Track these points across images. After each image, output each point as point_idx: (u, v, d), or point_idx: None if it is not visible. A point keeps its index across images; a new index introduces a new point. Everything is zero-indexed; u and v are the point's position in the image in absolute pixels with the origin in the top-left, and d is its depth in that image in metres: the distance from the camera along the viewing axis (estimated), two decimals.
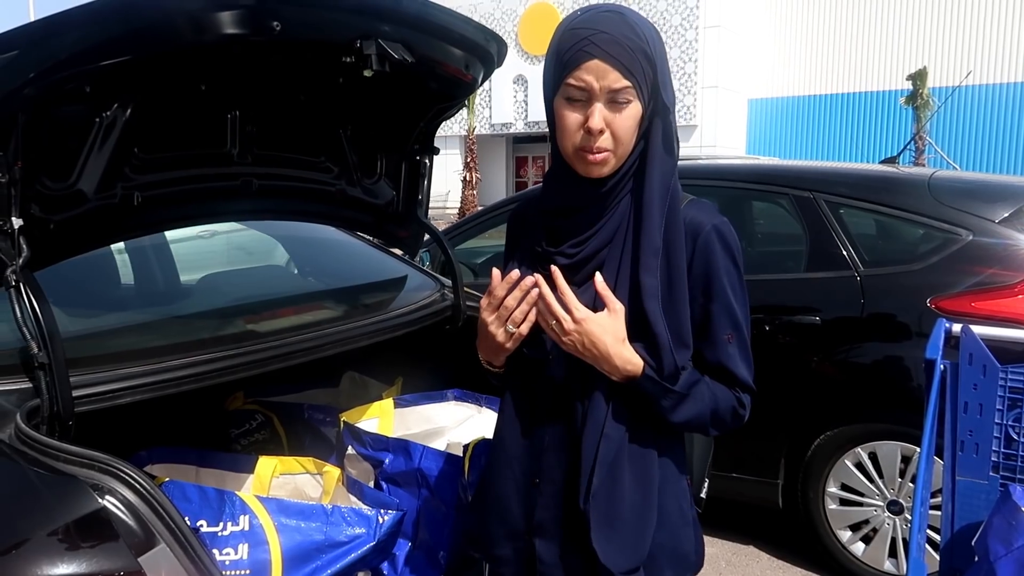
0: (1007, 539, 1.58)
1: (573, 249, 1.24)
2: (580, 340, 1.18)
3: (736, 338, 1.25)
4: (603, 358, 1.18)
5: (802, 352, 3.05)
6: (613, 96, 1.14)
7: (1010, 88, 20.57)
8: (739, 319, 1.26)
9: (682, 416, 1.22)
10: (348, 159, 2.20)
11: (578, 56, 1.14)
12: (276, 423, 2.42)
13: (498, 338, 1.23)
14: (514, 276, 1.20)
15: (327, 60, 1.69)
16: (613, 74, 1.13)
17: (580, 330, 1.17)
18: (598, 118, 1.15)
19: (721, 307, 1.24)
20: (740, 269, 1.26)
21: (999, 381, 1.83)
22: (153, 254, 2.70)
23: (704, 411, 1.24)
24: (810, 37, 23.07)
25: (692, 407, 1.22)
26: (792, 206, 3.29)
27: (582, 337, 1.18)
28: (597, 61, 1.13)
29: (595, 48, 1.12)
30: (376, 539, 1.59)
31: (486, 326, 1.24)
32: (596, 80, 1.13)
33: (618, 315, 1.19)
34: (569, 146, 1.19)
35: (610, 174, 1.20)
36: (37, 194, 1.56)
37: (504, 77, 23.95)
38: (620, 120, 1.16)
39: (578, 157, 1.19)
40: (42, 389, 1.42)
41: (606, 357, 1.18)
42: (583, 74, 1.14)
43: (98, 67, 1.41)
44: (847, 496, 3.04)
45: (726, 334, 1.24)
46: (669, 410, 1.22)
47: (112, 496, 1.23)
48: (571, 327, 1.17)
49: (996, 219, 2.90)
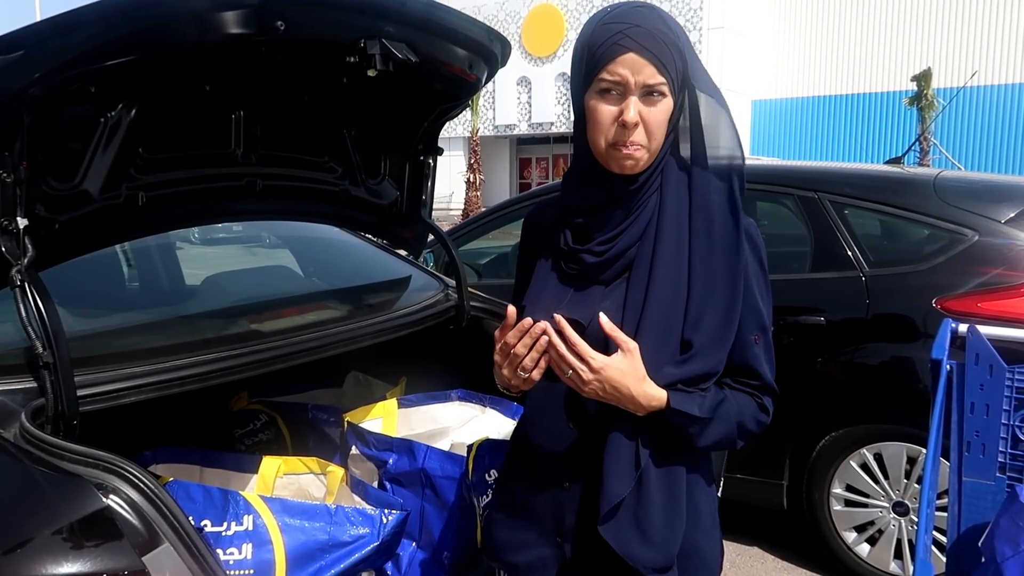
0: (1014, 540, 1.56)
1: (602, 247, 1.22)
2: (601, 387, 1.15)
3: (763, 340, 1.24)
4: (627, 400, 1.15)
5: (807, 353, 3.04)
6: (648, 90, 1.13)
7: (1015, 89, 20.54)
8: (765, 321, 1.24)
9: (709, 440, 1.20)
10: (352, 159, 2.21)
11: (613, 50, 1.13)
12: (280, 423, 2.42)
13: (512, 383, 1.21)
14: (525, 324, 1.15)
15: (331, 60, 1.69)
16: (649, 68, 1.12)
17: (600, 378, 1.14)
18: (633, 111, 1.13)
19: (749, 308, 1.22)
20: (766, 271, 1.25)
21: (1006, 381, 1.82)
22: (158, 254, 2.71)
23: (731, 430, 1.22)
24: (813, 38, 23.05)
25: (719, 429, 1.20)
26: (797, 206, 3.28)
27: (603, 384, 1.14)
28: (633, 55, 1.12)
29: (630, 41, 1.12)
30: (380, 539, 1.59)
31: (499, 368, 1.21)
32: (632, 74, 1.12)
33: (634, 354, 1.15)
34: (602, 141, 1.17)
35: (643, 171, 1.19)
36: (42, 194, 1.56)
37: (508, 79, 23.99)
38: (654, 114, 1.15)
39: (611, 154, 1.17)
40: (47, 388, 1.42)
41: (630, 399, 1.15)
42: (618, 68, 1.13)
43: (103, 67, 1.41)
44: (852, 497, 3.02)
45: (753, 335, 1.22)
46: (696, 436, 1.19)
47: (116, 495, 1.23)
48: (590, 377, 1.14)
49: (1002, 219, 2.89)
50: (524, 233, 1.39)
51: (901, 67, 21.38)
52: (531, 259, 1.34)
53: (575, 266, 1.24)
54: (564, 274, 1.26)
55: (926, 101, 18.55)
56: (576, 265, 1.24)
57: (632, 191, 1.20)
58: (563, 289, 1.25)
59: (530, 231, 1.37)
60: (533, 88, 24.00)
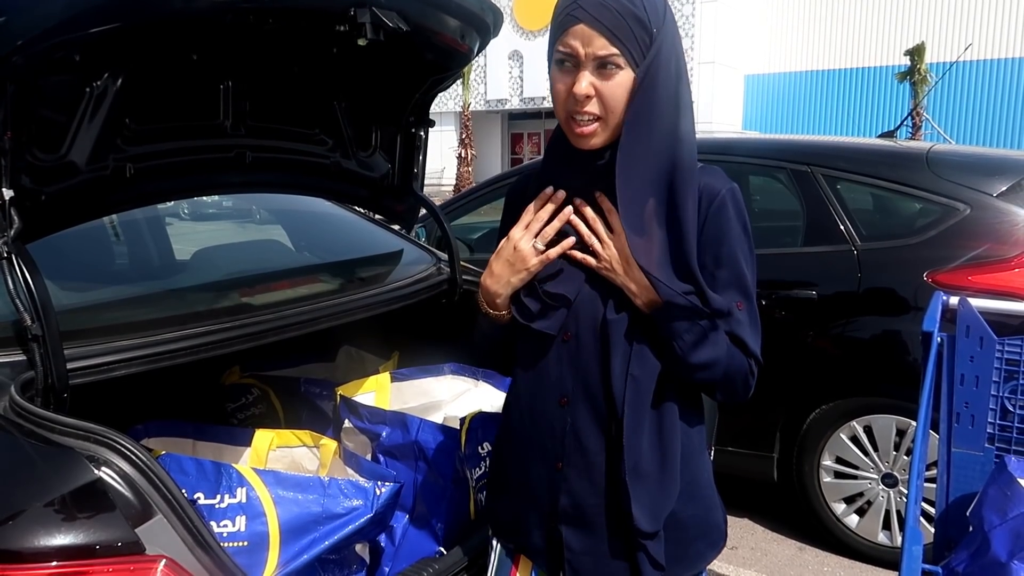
0: (1002, 509, 1.58)
1: None
2: (615, 256, 1.18)
3: (747, 307, 1.22)
4: (635, 277, 1.17)
5: (798, 326, 3.05)
6: (601, 62, 1.12)
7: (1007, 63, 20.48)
8: (749, 288, 1.22)
9: (702, 356, 1.17)
10: (343, 131, 2.18)
11: (565, 21, 1.12)
12: (272, 397, 2.42)
13: (523, 250, 1.21)
14: (548, 192, 1.22)
15: (321, 29, 1.66)
16: (600, 40, 1.10)
17: (617, 246, 1.18)
18: (584, 83, 1.12)
19: (731, 274, 1.20)
20: (750, 237, 1.23)
21: (995, 353, 1.84)
22: (147, 228, 2.68)
23: (721, 357, 1.19)
24: (807, 13, 22.88)
25: (712, 349, 1.18)
26: (789, 180, 3.28)
27: (616, 253, 1.18)
28: (583, 26, 1.10)
29: (581, 12, 1.10)
30: (373, 511, 1.59)
31: (514, 242, 1.22)
32: (582, 46, 1.11)
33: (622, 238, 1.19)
34: (562, 113, 1.17)
35: (604, 146, 1.18)
36: (28, 165, 1.54)
37: (499, 52, 23.76)
38: (609, 88, 1.13)
39: (569, 127, 1.17)
40: (36, 361, 1.41)
41: (637, 277, 1.17)
42: (570, 39, 1.11)
43: (87, 35, 1.39)
44: (842, 469, 3.05)
45: (735, 301, 1.20)
46: (690, 346, 1.17)
47: (108, 467, 1.22)
48: (605, 244, 1.19)
49: (994, 193, 2.89)
50: (507, 205, 1.38)
51: (895, 41, 21.27)
52: None
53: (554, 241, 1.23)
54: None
55: (919, 75, 18.49)
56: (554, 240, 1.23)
57: (600, 166, 1.19)
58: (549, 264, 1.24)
59: (514, 203, 1.36)
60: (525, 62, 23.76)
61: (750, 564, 3.06)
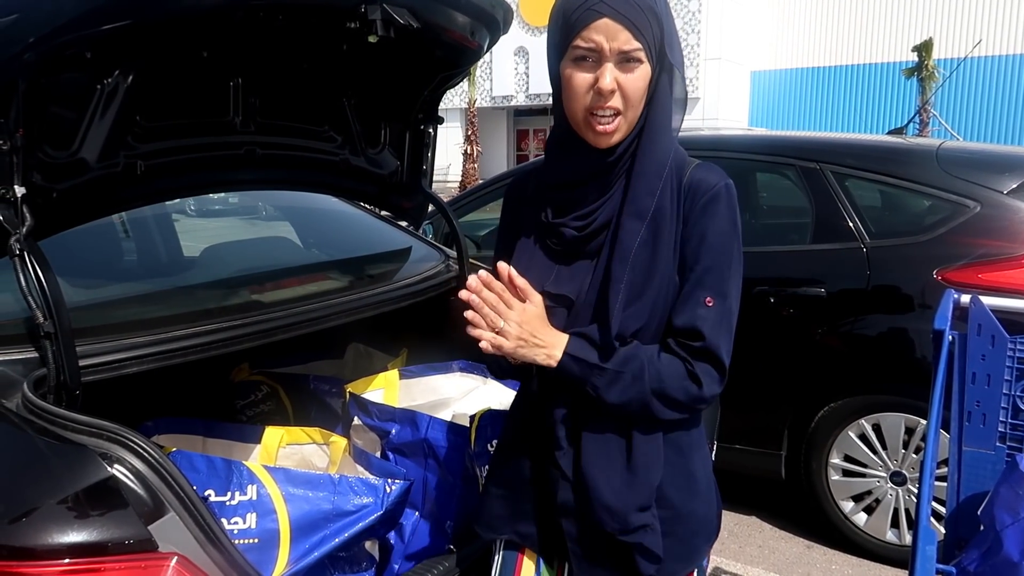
0: (1014, 508, 1.57)
1: (581, 222, 1.20)
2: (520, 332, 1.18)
3: (717, 306, 1.17)
4: (540, 349, 1.18)
5: (807, 324, 3.04)
6: (624, 56, 1.11)
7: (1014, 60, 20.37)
8: (725, 285, 1.18)
9: (615, 396, 1.16)
10: (352, 128, 2.18)
11: (587, 16, 1.10)
12: (282, 394, 2.42)
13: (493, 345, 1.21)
14: (483, 277, 1.20)
15: (331, 26, 1.66)
16: (624, 34, 1.10)
17: (520, 322, 1.18)
18: (609, 78, 1.11)
19: (707, 268, 1.17)
20: (739, 236, 1.20)
21: (1007, 352, 1.83)
22: (155, 225, 2.69)
23: (642, 391, 1.16)
24: (813, 8, 22.79)
25: (626, 387, 1.16)
26: (798, 177, 3.26)
27: (522, 330, 1.18)
28: (607, 20, 1.09)
29: (604, 6, 1.09)
30: (383, 508, 1.59)
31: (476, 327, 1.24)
32: (607, 40, 1.10)
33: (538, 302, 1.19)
34: (579, 110, 1.15)
35: (620, 141, 1.17)
36: (39, 162, 1.54)
37: (505, 49, 23.71)
38: (631, 81, 1.12)
39: (587, 124, 1.15)
40: (48, 359, 1.41)
41: (541, 347, 1.18)
42: (592, 34, 1.10)
43: (99, 32, 1.38)
44: (850, 467, 3.05)
45: (705, 296, 1.17)
46: (602, 389, 1.16)
47: (121, 465, 1.22)
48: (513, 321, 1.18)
49: (1004, 190, 2.88)
50: (506, 203, 1.37)
51: (902, 37, 21.17)
52: (514, 230, 1.32)
53: (556, 240, 1.23)
54: (548, 247, 1.25)
55: (927, 72, 18.40)
56: (557, 239, 1.23)
57: (610, 163, 1.18)
58: (548, 263, 1.24)
59: (512, 202, 1.36)
60: (531, 58, 23.72)
61: (758, 562, 3.06)
